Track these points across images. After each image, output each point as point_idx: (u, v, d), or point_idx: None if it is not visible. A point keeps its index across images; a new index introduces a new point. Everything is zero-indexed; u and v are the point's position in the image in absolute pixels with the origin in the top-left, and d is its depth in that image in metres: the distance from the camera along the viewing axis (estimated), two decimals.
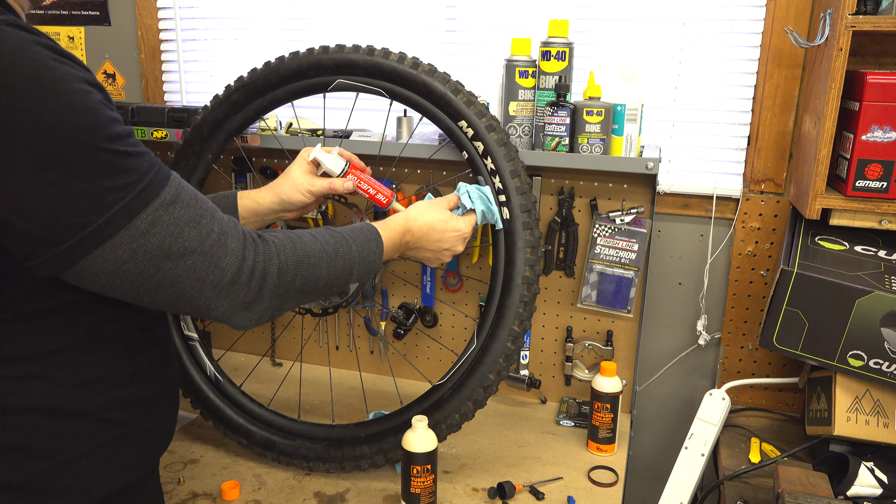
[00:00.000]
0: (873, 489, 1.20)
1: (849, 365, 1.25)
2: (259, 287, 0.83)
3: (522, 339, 1.32)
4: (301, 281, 0.89)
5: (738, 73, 1.51)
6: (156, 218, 0.74)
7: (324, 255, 0.94)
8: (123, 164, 0.71)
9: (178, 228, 0.75)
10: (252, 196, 1.23)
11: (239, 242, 0.81)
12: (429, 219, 1.18)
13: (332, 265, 0.95)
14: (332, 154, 1.24)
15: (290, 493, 1.34)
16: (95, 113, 0.70)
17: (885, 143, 1.21)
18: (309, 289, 0.92)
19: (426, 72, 1.32)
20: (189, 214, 0.77)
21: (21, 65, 0.65)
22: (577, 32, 1.55)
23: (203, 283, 0.78)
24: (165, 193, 0.75)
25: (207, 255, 0.78)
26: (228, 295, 0.81)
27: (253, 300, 0.83)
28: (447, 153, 1.46)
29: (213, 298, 0.80)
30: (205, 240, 0.78)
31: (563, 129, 1.40)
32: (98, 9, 1.98)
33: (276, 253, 0.86)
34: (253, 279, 0.82)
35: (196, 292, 0.78)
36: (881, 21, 1.17)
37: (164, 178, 0.76)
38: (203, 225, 0.78)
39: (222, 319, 0.83)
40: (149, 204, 0.73)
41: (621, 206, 1.55)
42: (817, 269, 1.24)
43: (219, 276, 0.79)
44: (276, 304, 0.87)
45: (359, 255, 1.01)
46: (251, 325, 0.87)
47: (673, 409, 1.71)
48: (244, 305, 0.83)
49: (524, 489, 1.33)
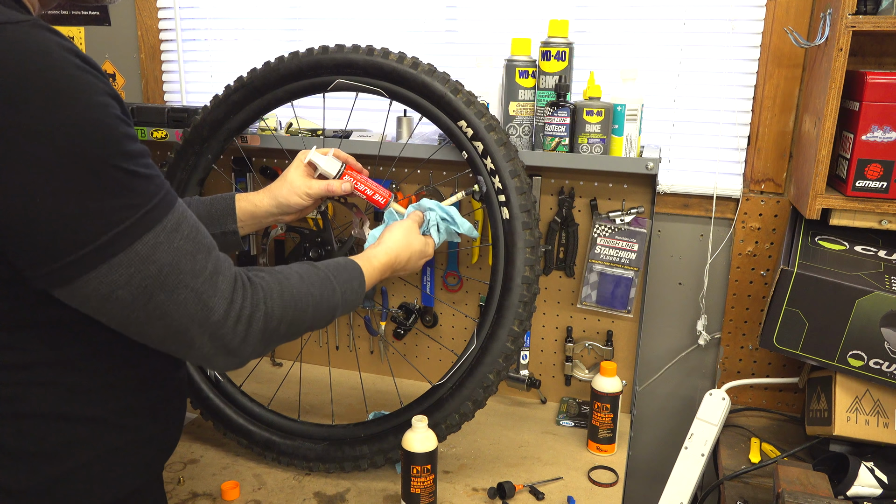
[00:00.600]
0: (873, 489, 1.20)
1: (849, 365, 1.25)
2: (245, 332, 0.81)
3: (522, 339, 1.32)
4: (286, 326, 0.87)
5: (738, 73, 1.51)
6: (156, 244, 0.71)
7: (309, 300, 0.92)
8: (132, 184, 0.69)
9: (176, 259, 0.73)
10: (250, 199, 1.23)
11: (229, 284, 0.79)
12: (410, 250, 1.17)
13: (316, 309, 0.93)
14: (327, 156, 1.24)
15: (290, 493, 1.34)
16: (111, 128, 0.67)
17: (885, 143, 1.21)
18: (293, 332, 0.90)
19: (426, 72, 1.32)
20: (188, 246, 0.74)
21: (44, 71, 0.63)
22: (577, 32, 1.55)
23: (191, 320, 0.76)
24: (168, 220, 0.72)
25: (198, 293, 0.75)
26: (213, 336, 0.78)
27: (238, 346, 0.81)
28: (447, 153, 1.46)
29: (197, 337, 0.77)
30: (198, 276, 0.75)
31: (563, 129, 1.40)
32: (98, 9, 1.97)
33: (263, 298, 0.84)
34: (239, 324, 0.80)
35: (183, 328, 0.76)
36: (881, 21, 1.17)
37: (169, 203, 0.73)
38: (199, 260, 0.75)
39: (204, 361, 0.81)
40: (151, 228, 0.70)
41: (621, 206, 1.55)
42: (817, 269, 1.24)
43: (206, 316, 0.76)
44: (259, 348, 0.85)
45: (342, 296, 0.99)
46: (233, 368, 0.85)
47: (673, 409, 1.71)
48: (227, 350, 0.80)
49: (524, 489, 1.33)
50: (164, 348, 0.78)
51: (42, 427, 0.77)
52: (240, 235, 1.21)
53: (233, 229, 1.20)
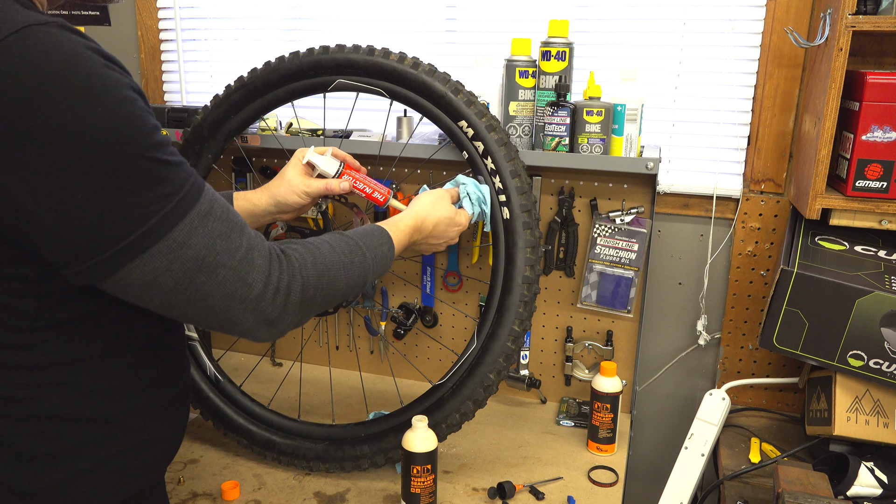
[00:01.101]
0: (873, 489, 1.20)
1: (849, 365, 1.25)
2: (283, 303, 0.83)
3: (522, 339, 1.32)
4: (322, 294, 0.90)
5: (738, 73, 1.51)
6: (192, 229, 0.73)
7: (341, 266, 0.94)
8: (164, 173, 0.71)
9: (211, 241, 0.75)
10: (248, 197, 1.23)
11: (265, 258, 0.81)
12: (437, 215, 1.21)
13: (349, 275, 0.95)
14: (325, 155, 1.24)
15: (290, 493, 1.34)
16: (141, 121, 0.69)
17: (885, 143, 1.21)
18: (328, 301, 0.92)
19: (426, 72, 1.32)
20: (221, 227, 0.76)
21: (74, 71, 0.64)
22: (577, 32, 1.55)
23: (232, 297, 0.78)
24: (201, 204, 0.74)
25: (237, 270, 0.78)
26: (255, 311, 0.80)
27: (277, 316, 0.83)
28: (447, 153, 1.46)
29: (239, 314, 0.79)
30: (234, 254, 0.77)
31: (563, 129, 1.40)
32: (98, 9, 1.97)
33: (298, 268, 0.86)
34: (278, 296, 0.82)
35: (224, 306, 0.78)
36: (881, 21, 1.17)
37: (199, 188, 0.75)
38: (233, 239, 0.78)
39: (246, 334, 0.83)
40: (186, 215, 0.73)
41: (621, 206, 1.55)
42: (817, 269, 1.24)
43: (246, 292, 0.79)
44: (298, 318, 0.87)
45: (373, 261, 1.01)
46: (273, 339, 0.87)
47: (673, 409, 1.71)
48: (268, 321, 0.83)
49: (524, 489, 1.33)
50: (207, 326, 0.81)
51: (55, 428, 0.78)
52: None
53: None
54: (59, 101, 0.63)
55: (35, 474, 0.77)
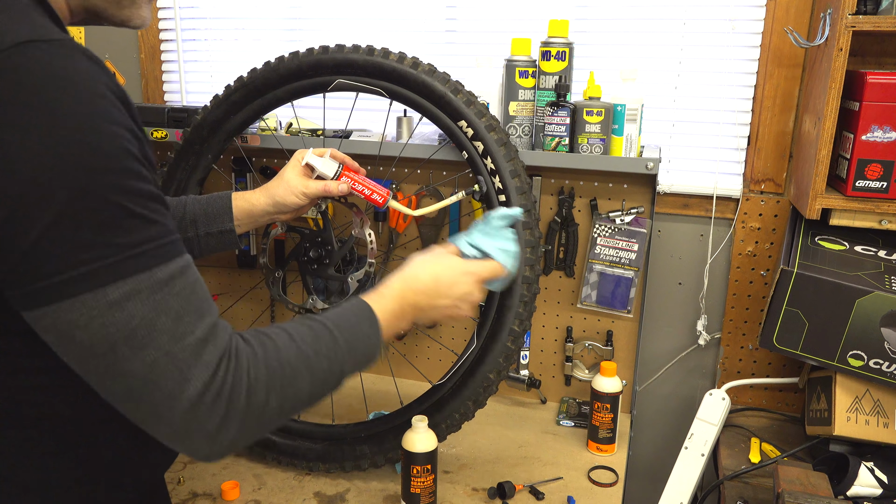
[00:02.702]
0: (873, 489, 1.20)
1: (849, 365, 1.25)
2: (224, 413, 0.69)
3: (522, 339, 1.32)
4: (277, 398, 0.74)
5: (738, 73, 1.51)
6: (133, 293, 0.64)
7: (302, 360, 0.77)
8: (126, 223, 0.63)
9: (153, 314, 0.65)
10: (246, 197, 1.23)
11: (217, 355, 0.69)
12: (431, 270, 1.00)
13: (314, 371, 0.78)
14: (324, 157, 1.24)
15: (290, 493, 1.34)
16: (117, 160, 0.63)
17: (885, 143, 1.21)
18: (289, 406, 0.76)
19: (426, 72, 1.32)
20: (175, 305, 0.66)
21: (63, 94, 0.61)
22: (577, 32, 1.55)
23: (158, 388, 0.66)
24: (158, 271, 0.65)
25: (174, 358, 0.66)
26: (187, 414, 0.67)
27: (216, 428, 0.69)
28: (447, 153, 1.46)
29: (166, 412, 0.67)
30: (178, 339, 0.66)
31: (563, 129, 1.40)
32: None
33: (246, 368, 0.72)
34: (218, 402, 0.68)
35: (148, 396, 0.66)
36: (881, 21, 1.17)
37: (164, 255, 0.67)
38: (185, 322, 0.67)
39: (175, 443, 0.70)
40: (131, 275, 0.64)
41: (621, 206, 1.55)
42: (817, 269, 1.24)
43: (179, 388, 0.66)
44: (248, 433, 0.72)
45: (347, 346, 0.83)
46: (207, 458, 0.72)
47: (673, 409, 1.71)
48: (202, 432, 0.69)
49: (524, 489, 1.33)
50: (130, 415, 0.69)
51: (66, 428, 0.77)
52: (236, 234, 1.21)
53: (229, 227, 1.20)
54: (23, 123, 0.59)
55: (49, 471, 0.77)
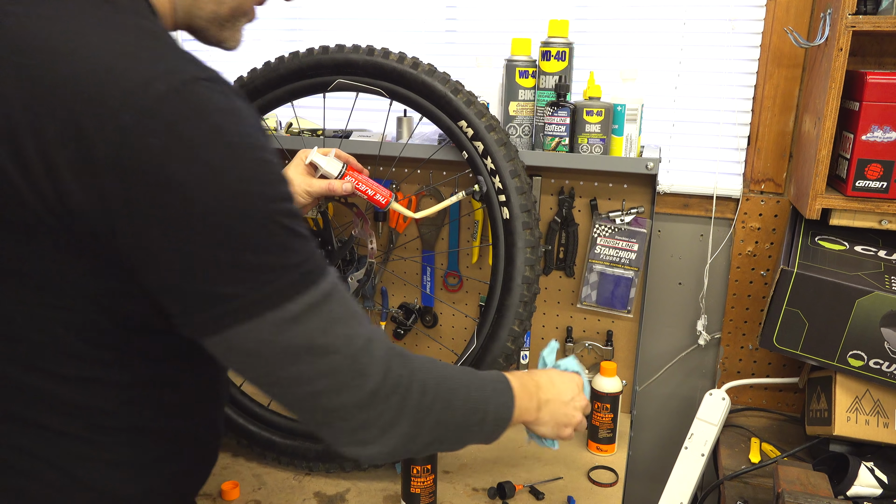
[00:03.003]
0: (873, 489, 1.20)
1: (849, 365, 1.25)
2: (400, 405, 0.75)
3: (522, 339, 1.32)
4: (440, 406, 0.80)
5: (738, 73, 1.51)
6: (309, 307, 0.69)
7: (461, 382, 0.84)
8: (291, 243, 0.68)
9: (327, 323, 0.70)
10: None
11: (384, 351, 0.75)
12: (545, 373, 1.05)
13: (468, 396, 0.85)
14: (328, 156, 1.24)
15: (290, 493, 1.34)
16: (276, 186, 0.67)
17: (885, 143, 1.21)
18: (445, 421, 0.81)
19: (426, 72, 1.32)
20: (341, 311, 0.71)
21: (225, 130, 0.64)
22: (577, 32, 1.55)
23: (343, 387, 0.71)
24: (323, 283, 0.70)
25: (353, 358, 0.72)
26: (366, 407, 0.73)
27: (391, 420, 0.75)
28: (447, 153, 1.46)
29: (350, 408, 0.72)
30: (352, 341, 0.72)
31: (563, 129, 1.40)
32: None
33: (418, 367, 0.79)
34: (395, 394, 0.75)
35: (332, 395, 0.71)
36: (881, 21, 1.17)
37: (323, 267, 0.71)
38: (352, 326, 0.72)
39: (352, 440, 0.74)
40: (305, 290, 0.68)
41: (621, 206, 1.55)
42: (817, 269, 1.24)
43: (360, 383, 0.72)
44: (413, 430, 0.77)
45: (493, 393, 0.89)
46: (381, 455, 0.76)
47: (673, 409, 1.71)
48: (379, 425, 0.74)
49: (524, 489, 1.33)
50: (309, 419, 0.74)
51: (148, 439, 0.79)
52: None
53: None
54: (205, 156, 0.62)
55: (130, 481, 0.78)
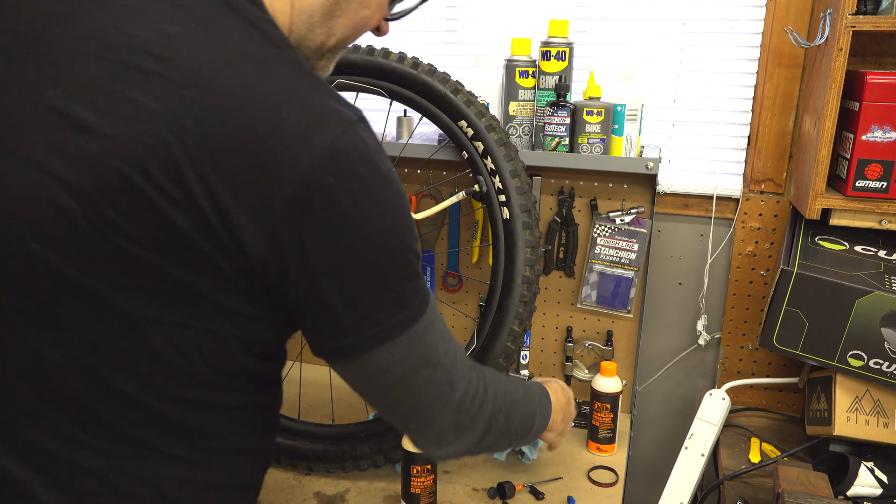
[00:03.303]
0: (873, 489, 1.20)
1: (849, 365, 1.25)
2: (477, 413, 0.84)
3: (522, 339, 1.32)
4: (504, 417, 0.89)
5: (738, 73, 1.51)
6: (428, 325, 0.76)
7: (519, 396, 0.95)
8: (416, 267, 0.74)
9: (437, 339, 0.77)
10: None
11: (466, 364, 0.84)
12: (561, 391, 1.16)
13: (525, 410, 0.96)
14: None
15: (290, 493, 1.34)
16: (410, 217, 0.74)
17: (885, 143, 1.21)
18: (506, 429, 0.91)
19: (426, 72, 1.32)
20: (442, 329, 0.79)
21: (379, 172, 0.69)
22: (577, 32, 1.55)
23: (439, 397, 0.80)
24: (432, 303, 0.78)
25: (449, 372, 0.80)
26: (453, 413, 0.82)
27: (468, 426, 0.84)
28: (447, 153, 1.46)
29: (440, 415, 0.81)
30: (449, 356, 0.80)
31: (563, 129, 1.40)
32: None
33: (490, 380, 0.87)
34: (474, 403, 0.83)
35: (430, 405, 0.80)
36: (881, 21, 1.17)
37: (429, 291, 0.78)
38: (448, 340, 0.80)
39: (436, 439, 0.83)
40: (426, 310, 0.75)
41: (621, 206, 1.55)
42: (817, 269, 1.24)
43: (450, 394, 0.81)
44: (480, 436, 0.86)
45: (539, 407, 1.01)
46: (453, 454, 0.86)
47: (673, 409, 1.71)
48: (460, 428, 0.83)
49: (524, 489, 1.33)
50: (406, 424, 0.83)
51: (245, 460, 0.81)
52: None
53: None
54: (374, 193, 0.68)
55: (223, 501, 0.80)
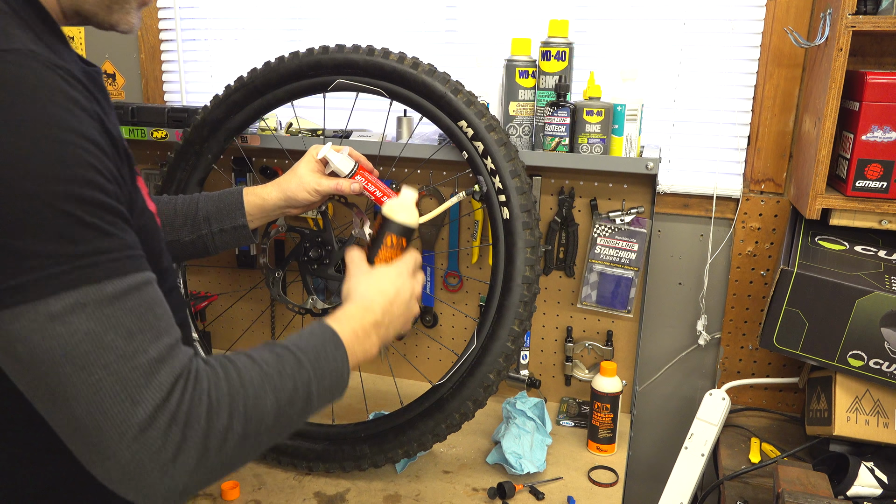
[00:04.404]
0: (873, 489, 1.20)
1: (849, 365, 1.25)
2: (181, 437, 0.63)
3: (522, 339, 1.32)
4: (240, 422, 0.68)
5: (738, 73, 1.51)
6: (77, 306, 0.60)
7: (265, 380, 0.73)
8: (73, 232, 0.60)
9: (100, 329, 0.60)
10: (258, 192, 1.23)
11: (173, 376, 0.64)
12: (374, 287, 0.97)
13: (278, 392, 0.73)
14: (341, 154, 1.23)
15: (290, 493, 1.34)
16: (70, 168, 0.60)
17: (885, 143, 1.21)
18: (253, 431, 0.70)
19: (426, 72, 1.32)
20: (126, 322, 0.62)
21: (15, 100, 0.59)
22: (577, 32, 1.55)
23: (105, 414, 0.60)
24: (109, 285, 0.61)
25: (123, 380, 0.61)
26: (136, 442, 0.61)
27: (171, 458, 0.63)
28: (447, 153, 1.46)
29: (114, 442, 0.61)
30: (129, 359, 0.61)
31: (563, 129, 1.40)
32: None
33: (206, 388, 0.67)
34: (174, 425, 0.63)
35: (93, 424, 0.60)
36: (881, 21, 1.17)
37: (118, 269, 0.63)
38: (136, 340, 0.62)
39: (121, 482, 0.62)
40: (77, 287, 0.60)
41: (621, 206, 1.55)
42: (817, 269, 1.24)
43: (128, 413, 0.61)
44: (209, 462, 0.66)
45: (313, 368, 0.78)
46: (170, 498, 0.64)
47: (673, 409, 1.71)
48: (156, 464, 0.62)
49: (524, 489, 1.33)
50: (74, 449, 0.63)
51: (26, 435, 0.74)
52: (249, 229, 1.21)
53: (242, 223, 1.20)
54: None
55: None
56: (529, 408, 1.46)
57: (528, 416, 1.44)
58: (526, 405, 1.46)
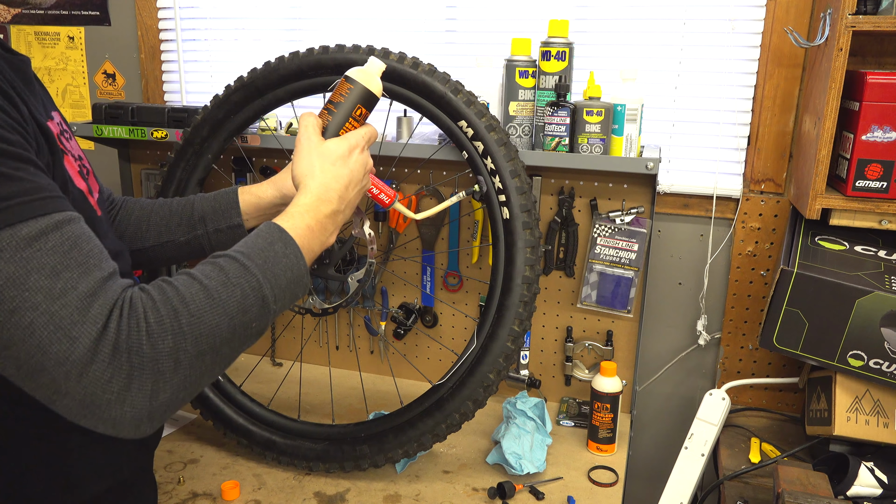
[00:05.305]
0: (873, 489, 1.20)
1: (849, 365, 1.25)
2: (128, 366, 0.63)
3: (522, 338, 1.32)
4: (190, 339, 0.67)
5: (738, 73, 1.51)
6: None
7: (207, 294, 0.70)
8: None
9: (21, 273, 0.59)
10: (253, 191, 1.22)
11: (106, 309, 0.63)
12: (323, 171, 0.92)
13: (225, 302, 0.71)
14: None
15: (290, 493, 1.34)
16: None
17: (885, 143, 1.21)
18: (208, 345, 0.69)
19: (426, 72, 1.32)
20: (48, 261, 0.61)
21: None
22: (577, 32, 1.55)
23: (45, 353, 0.60)
24: (23, 227, 0.61)
25: (54, 317, 0.60)
26: (81, 378, 0.61)
27: (124, 387, 0.62)
28: (447, 153, 1.46)
29: (60, 378, 0.61)
30: (58, 297, 0.61)
31: (563, 129, 1.40)
32: (98, 9, 1.98)
33: (142, 314, 0.65)
34: (117, 355, 0.62)
35: (37, 365, 0.60)
36: (881, 21, 1.17)
37: (30, 210, 0.62)
38: (63, 278, 0.61)
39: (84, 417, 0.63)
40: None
41: (621, 206, 1.55)
42: (817, 269, 1.24)
43: (66, 349, 0.60)
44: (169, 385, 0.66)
45: (262, 270, 0.75)
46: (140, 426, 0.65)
47: (673, 409, 1.71)
48: (112, 396, 0.62)
49: (524, 489, 1.33)
50: (32, 394, 0.63)
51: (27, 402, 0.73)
52: (245, 228, 1.21)
53: (237, 222, 1.19)
54: None
55: None
56: (529, 408, 1.46)
57: (528, 416, 1.44)
58: (526, 405, 1.46)
